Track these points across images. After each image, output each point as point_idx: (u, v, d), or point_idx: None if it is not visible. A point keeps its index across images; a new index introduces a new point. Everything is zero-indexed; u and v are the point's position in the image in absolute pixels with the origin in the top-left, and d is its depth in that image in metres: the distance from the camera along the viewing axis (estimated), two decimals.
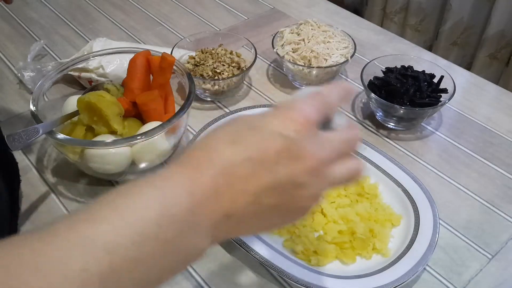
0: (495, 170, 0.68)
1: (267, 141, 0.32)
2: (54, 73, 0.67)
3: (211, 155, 0.32)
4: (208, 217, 0.31)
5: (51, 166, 0.68)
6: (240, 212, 0.32)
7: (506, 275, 0.56)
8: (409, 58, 0.77)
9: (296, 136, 0.32)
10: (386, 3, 1.88)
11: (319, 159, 0.33)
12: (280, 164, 0.32)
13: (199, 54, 0.81)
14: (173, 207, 0.29)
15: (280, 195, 0.33)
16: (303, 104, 0.34)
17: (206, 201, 0.30)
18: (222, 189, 0.31)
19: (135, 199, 0.29)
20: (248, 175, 0.31)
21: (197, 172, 0.31)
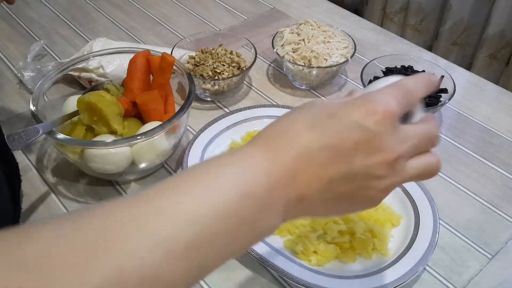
0: (495, 170, 0.68)
1: (346, 131, 0.32)
2: (54, 73, 0.67)
3: (290, 138, 0.32)
4: (283, 198, 0.32)
5: (51, 166, 0.68)
6: (312, 197, 0.33)
7: (506, 275, 0.56)
8: (409, 58, 0.77)
9: (376, 129, 0.33)
10: (386, 3, 1.88)
11: (399, 153, 0.34)
12: (357, 155, 0.33)
13: (199, 54, 0.81)
14: (253, 186, 0.30)
15: (353, 185, 0.33)
16: (386, 95, 0.34)
17: (282, 182, 0.31)
18: (298, 173, 0.32)
19: (217, 175, 0.30)
20: (324, 162, 0.32)
21: (276, 154, 0.32)
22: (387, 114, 0.33)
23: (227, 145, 0.69)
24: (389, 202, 0.61)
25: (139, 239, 0.26)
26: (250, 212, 0.30)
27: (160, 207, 0.28)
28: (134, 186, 0.65)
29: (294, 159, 0.32)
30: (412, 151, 0.35)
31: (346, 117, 0.33)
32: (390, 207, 0.60)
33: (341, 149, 0.32)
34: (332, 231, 0.56)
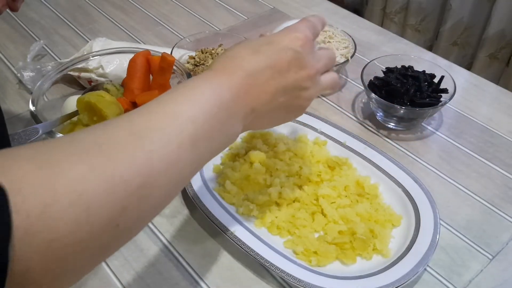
0: (495, 170, 0.68)
1: (281, 53, 0.43)
2: (54, 73, 0.67)
3: (240, 62, 0.42)
4: (242, 108, 0.40)
5: None
6: (261, 107, 0.42)
7: (506, 276, 0.55)
8: (409, 58, 0.77)
9: (301, 50, 0.44)
10: (386, 3, 1.88)
11: (317, 69, 0.46)
12: (290, 71, 0.43)
13: (199, 54, 0.80)
14: (223, 98, 0.39)
15: (288, 95, 0.44)
16: (304, 27, 0.46)
17: (240, 96, 0.40)
18: (250, 88, 0.41)
19: (198, 92, 0.38)
20: (268, 79, 0.42)
21: (232, 74, 0.40)
22: (307, 39, 0.45)
23: None
24: (390, 202, 0.61)
25: (161, 134, 0.34)
26: (224, 117, 0.38)
27: (167, 111, 0.35)
28: None
29: (244, 78, 0.41)
30: (323, 68, 0.47)
31: (279, 43, 0.43)
32: (390, 208, 0.60)
33: (278, 67, 0.42)
34: (332, 232, 0.56)
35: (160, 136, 0.33)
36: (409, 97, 0.70)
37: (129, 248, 0.58)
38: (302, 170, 0.63)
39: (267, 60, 0.42)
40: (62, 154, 0.29)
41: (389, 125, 0.74)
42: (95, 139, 0.31)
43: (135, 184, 0.31)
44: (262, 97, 0.42)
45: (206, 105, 0.37)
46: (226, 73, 0.41)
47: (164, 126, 0.34)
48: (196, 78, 0.40)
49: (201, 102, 0.37)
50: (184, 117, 0.36)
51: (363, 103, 0.79)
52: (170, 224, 0.61)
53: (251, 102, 0.41)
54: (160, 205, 0.35)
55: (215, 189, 0.63)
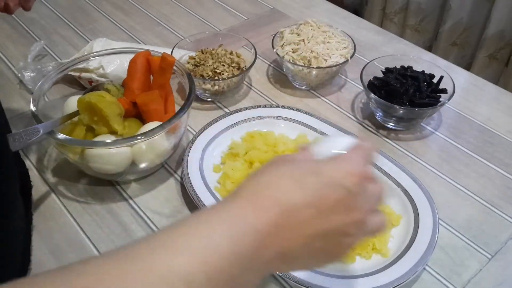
0: (494, 170, 0.68)
1: (329, 189, 0.35)
2: (55, 73, 0.67)
3: (276, 195, 0.34)
4: (268, 253, 0.33)
5: (51, 166, 0.68)
6: (293, 252, 0.34)
7: (505, 275, 0.56)
8: (409, 59, 0.78)
9: (353, 189, 0.36)
10: (386, 3, 1.88)
11: (365, 212, 0.37)
12: (336, 213, 0.35)
13: (199, 55, 0.81)
14: (241, 244, 0.31)
15: (329, 240, 0.36)
16: (359, 159, 0.38)
17: (269, 238, 0.32)
18: (282, 229, 0.33)
19: (208, 233, 0.31)
20: (307, 219, 0.34)
21: (262, 211, 0.33)
22: (362, 176, 0.36)
23: (227, 145, 0.69)
24: (389, 202, 0.61)
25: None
26: (238, 271, 0.31)
27: (153, 265, 0.28)
28: (134, 186, 0.65)
29: (279, 216, 0.33)
30: (372, 210, 0.38)
31: (328, 175, 0.35)
32: (389, 207, 0.61)
33: (322, 207, 0.34)
34: None
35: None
36: (408, 97, 0.70)
37: None
38: None
39: (312, 196, 0.34)
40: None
41: (389, 125, 0.74)
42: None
43: None
44: (295, 240, 0.34)
45: (213, 255, 0.29)
46: (257, 205, 0.33)
47: (138, 286, 0.27)
48: (212, 212, 0.33)
49: (209, 257, 0.29)
50: (176, 277, 0.28)
51: (362, 103, 0.80)
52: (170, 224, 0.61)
53: (281, 246, 0.33)
54: None
55: (215, 189, 0.63)
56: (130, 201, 0.64)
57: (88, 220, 0.61)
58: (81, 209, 0.63)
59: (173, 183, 0.66)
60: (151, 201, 0.64)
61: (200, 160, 0.66)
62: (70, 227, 0.60)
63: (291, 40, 0.81)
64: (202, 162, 0.66)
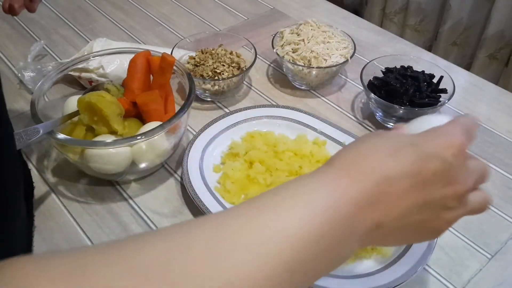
0: (494, 170, 0.68)
1: (426, 160, 0.34)
2: (55, 73, 0.67)
3: (373, 164, 0.33)
4: (364, 223, 0.32)
5: (51, 166, 0.68)
6: (390, 223, 0.33)
7: (505, 275, 0.56)
8: (409, 58, 0.78)
9: (453, 161, 0.34)
10: (386, 3, 1.88)
11: (467, 186, 0.35)
12: (434, 185, 0.34)
13: (199, 55, 0.81)
14: (341, 211, 0.31)
15: (426, 214, 0.34)
16: (459, 130, 0.36)
17: (365, 209, 0.32)
18: (379, 199, 0.32)
19: (310, 197, 0.31)
20: (404, 189, 0.33)
21: (360, 179, 0.32)
22: (462, 148, 0.35)
23: (227, 145, 0.69)
24: None
25: (247, 255, 0.28)
26: (337, 236, 0.31)
27: (259, 224, 0.29)
28: (134, 186, 0.65)
29: (375, 186, 0.32)
30: (474, 186, 0.36)
31: (426, 147, 0.34)
32: None
33: (420, 178, 0.33)
34: None
35: (245, 263, 0.27)
36: (408, 97, 0.70)
37: None
38: (302, 170, 0.63)
39: (408, 166, 0.33)
40: (110, 277, 0.24)
41: (389, 125, 0.74)
42: (156, 257, 0.26)
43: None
44: (394, 210, 0.33)
45: (316, 220, 0.30)
46: (353, 174, 0.33)
47: (251, 248, 0.28)
48: (311, 177, 0.33)
49: (310, 216, 0.30)
50: (282, 237, 0.29)
51: (362, 103, 0.80)
52: (170, 224, 0.61)
53: (379, 215, 0.33)
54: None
55: (215, 189, 0.63)
56: (130, 201, 0.64)
57: (88, 220, 0.61)
58: (81, 209, 0.63)
59: (173, 183, 0.66)
60: (151, 201, 0.64)
61: (200, 160, 0.66)
62: (70, 227, 0.60)
63: (291, 40, 0.81)
64: (202, 162, 0.66)
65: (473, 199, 0.36)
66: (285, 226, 0.29)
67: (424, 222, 0.35)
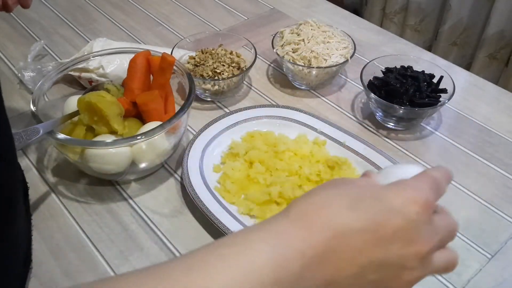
0: (494, 170, 0.68)
1: (387, 216, 0.31)
2: (55, 73, 0.67)
3: (330, 216, 0.31)
4: (312, 282, 0.30)
5: (51, 166, 0.68)
6: (341, 282, 0.31)
7: (505, 275, 0.56)
8: (409, 58, 0.78)
9: (416, 218, 0.32)
10: (386, 3, 1.88)
11: (430, 246, 0.33)
12: (394, 243, 0.31)
13: (199, 54, 0.81)
14: (286, 270, 0.29)
15: (384, 273, 0.32)
16: (427, 185, 0.34)
17: (314, 265, 0.30)
18: (331, 255, 0.30)
19: (249, 256, 0.29)
20: (360, 246, 0.31)
21: (311, 233, 0.30)
22: (427, 205, 0.33)
23: (227, 145, 0.69)
24: None
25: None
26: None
27: (188, 286, 0.27)
28: (134, 186, 0.65)
29: (330, 240, 0.30)
30: (439, 244, 0.34)
31: (388, 201, 0.32)
32: None
33: (379, 234, 0.31)
34: None
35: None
36: (408, 97, 0.70)
37: (130, 247, 0.58)
38: (302, 170, 0.63)
39: (367, 221, 0.31)
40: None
41: (389, 125, 0.74)
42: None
43: None
44: (347, 269, 0.31)
45: (254, 281, 0.28)
46: (304, 226, 0.30)
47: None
48: (257, 229, 0.31)
49: (247, 276, 0.28)
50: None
51: (362, 103, 0.80)
52: (170, 224, 0.61)
53: (330, 273, 0.30)
54: None
55: (215, 189, 0.63)
56: (130, 201, 0.64)
57: (88, 220, 0.61)
58: (81, 209, 0.63)
59: (173, 183, 0.66)
60: (151, 201, 0.64)
61: (200, 160, 0.66)
62: (70, 227, 0.60)
63: (291, 40, 0.81)
64: (202, 162, 0.66)
65: (437, 259, 0.34)
66: (229, 280, 0.27)
67: (381, 281, 0.32)
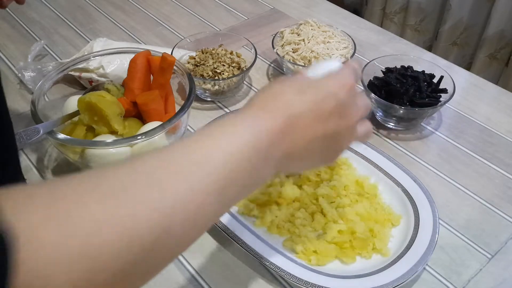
0: (494, 170, 0.68)
1: (326, 99, 0.41)
2: (55, 73, 0.67)
3: (281, 104, 0.40)
4: (277, 152, 0.39)
5: (51, 166, 0.68)
6: (296, 153, 0.40)
7: (505, 275, 0.56)
8: (409, 58, 0.78)
9: (345, 98, 0.42)
10: (386, 3, 1.88)
11: (356, 119, 0.44)
12: (331, 118, 0.41)
13: (199, 54, 0.81)
14: (260, 140, 0.37)
15: (326, 142, 0.42)
16: (349, 73, 0.45)
17: (277, 140, 0.38)
18: (289, 132, 0.39)
19: (237, 130, 0.37)
20: (308, 124, 0.40)
21: (275, 114, 0.39)
22: (352, 87, 0.44)
23: None
24: (389, 202, 0.61)
25: (187, 180, 0.32)
26: (258, 160, 0.37)
27: (196, 154, 0.34)
28: None
29: (285, 121, 0.39)
30: (360, 118, 0.45)
31: (325, 87, 0.42)
32: (390, 207, 0.61)
33: (320, 113, 0.41)
34: (332, 231, 0.57)
35: (186, 183, 0.32)
36: (408, 97, 0.70)
37: None
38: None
39: (311, 104, 0.40)
40: (80, 196, 0.28)
41: (389, 125, 0.74)
42: (118, 181, 0.30)
43: (152, 239, 0.29)
44: (299, 142, 0.40)
45: (242, 149, 0.36)
46: (268, 111, 0.39)
47: (191, 171, 0.33)
48: (234, 116, 0.39)
49: (237, 146, 0.36)
50: (215, 162, 0.34)
51: None
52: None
53: (288, 147, 0.39)
54: (176, 253, 0.34)
55: None
56: None
57: None
58: None
59: None
60: None
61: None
62: None
63: (291, 40, 0.81)
64: None
65: (359, 129, 0.46)
66: (216, 156, 0.34)
67: (323, 149, 0.43)
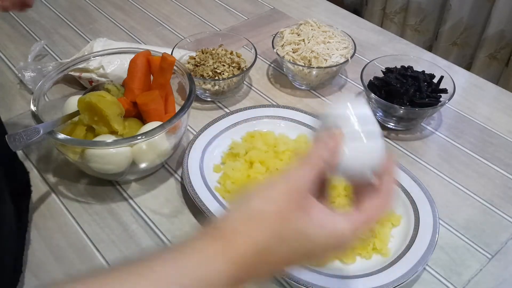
0: (494, 170, 0.68)
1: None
2: (55, 73, 0.67)
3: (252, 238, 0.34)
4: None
5: (51, 166, 0.68)
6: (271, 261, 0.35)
7: (506, 275, 0.56)
8: (409, 58, 0.78)
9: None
10: (386, 3, 1.88)
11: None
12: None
13: (199, 55, 0.81)
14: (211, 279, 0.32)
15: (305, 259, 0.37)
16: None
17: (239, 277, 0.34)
18: (255, 266, 0.34)
19: (175, 273, 0.32)
20: (278, 260, 0.35)
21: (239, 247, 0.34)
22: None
23: (227, 145, 0.69)
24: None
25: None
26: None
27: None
28: (134, 186, 0.65)
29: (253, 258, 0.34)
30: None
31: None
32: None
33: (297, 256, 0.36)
34: None
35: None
36: (408, 97, 0.70)
37: (130, 247, 0.58)
38: None
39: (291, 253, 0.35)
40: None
41: (389, 125, 0.74)
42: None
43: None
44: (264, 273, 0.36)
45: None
46: (229, 241, 0.34)
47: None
48: (185, 247, 0.33)
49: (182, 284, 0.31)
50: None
51: None
52: (170, 224, 0.61)
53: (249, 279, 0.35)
54: None
55: (215, 189, 0.63)
56: (130, 201, 0.64)
57: (88, 220, 0.61)
58: (81, 209, 0.63)
59: (173, 183, 0.66)
60: (151, 201, 0.64)
61: (200, 160, 0.66)
62: (70, 227, 0.61)
63: (291, 40, 0.81)
64: (202, 162, 0.66)
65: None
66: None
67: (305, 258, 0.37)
